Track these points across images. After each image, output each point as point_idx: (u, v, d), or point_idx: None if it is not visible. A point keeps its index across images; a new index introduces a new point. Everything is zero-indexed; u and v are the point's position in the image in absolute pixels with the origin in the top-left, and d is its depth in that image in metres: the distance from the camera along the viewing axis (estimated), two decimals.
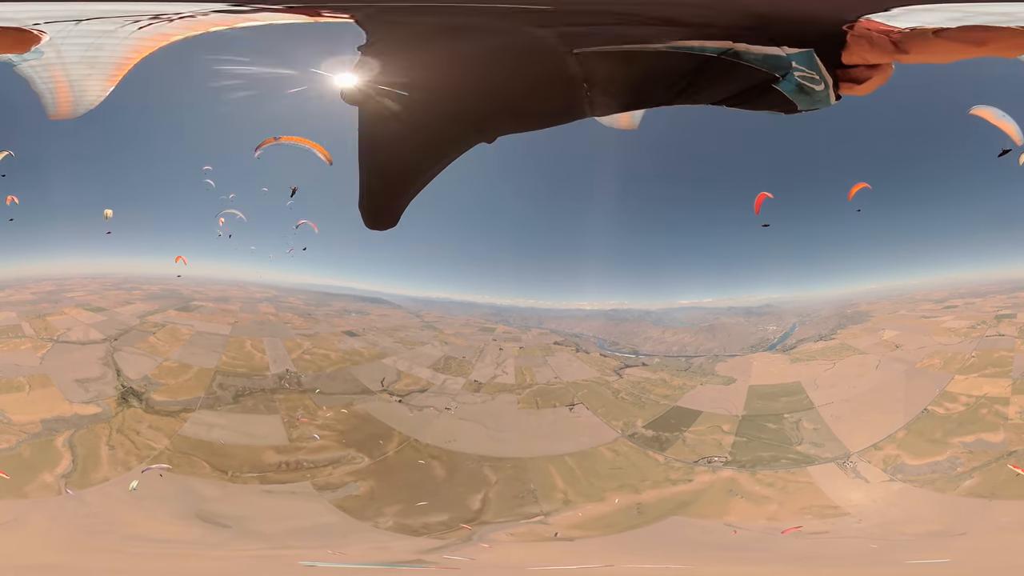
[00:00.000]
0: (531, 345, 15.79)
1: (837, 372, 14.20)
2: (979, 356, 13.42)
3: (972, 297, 15.07)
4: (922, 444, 12.01)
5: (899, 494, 11.28)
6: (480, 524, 11.35)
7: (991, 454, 11.42)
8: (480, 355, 15.81)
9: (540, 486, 12.08)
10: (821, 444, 12.51)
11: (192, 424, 12.77)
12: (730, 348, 14.95)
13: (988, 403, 12.32)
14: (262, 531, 10.89)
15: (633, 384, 14.49)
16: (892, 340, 14.89)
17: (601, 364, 15.07)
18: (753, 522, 11.29)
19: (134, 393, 13.01)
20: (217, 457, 12.25)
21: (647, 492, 11.95)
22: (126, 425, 12.39)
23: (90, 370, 13.08)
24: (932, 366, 13.72)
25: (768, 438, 12.95)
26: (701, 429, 13.22)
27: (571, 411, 13.99)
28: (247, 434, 13.11)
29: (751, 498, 11.80)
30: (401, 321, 17.22)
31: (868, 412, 13.03)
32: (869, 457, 11.98)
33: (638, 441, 13.21)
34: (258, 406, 14.18)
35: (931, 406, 12.66)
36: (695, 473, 12.39)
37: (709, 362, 14.77)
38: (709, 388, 14.14)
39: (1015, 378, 12.49)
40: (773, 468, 12.16)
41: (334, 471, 12.87)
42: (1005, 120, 10.46)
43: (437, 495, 12.09)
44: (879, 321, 15.30)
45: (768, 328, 15.34)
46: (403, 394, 14.84)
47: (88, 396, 12.56)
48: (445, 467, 12.79)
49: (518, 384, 14.82)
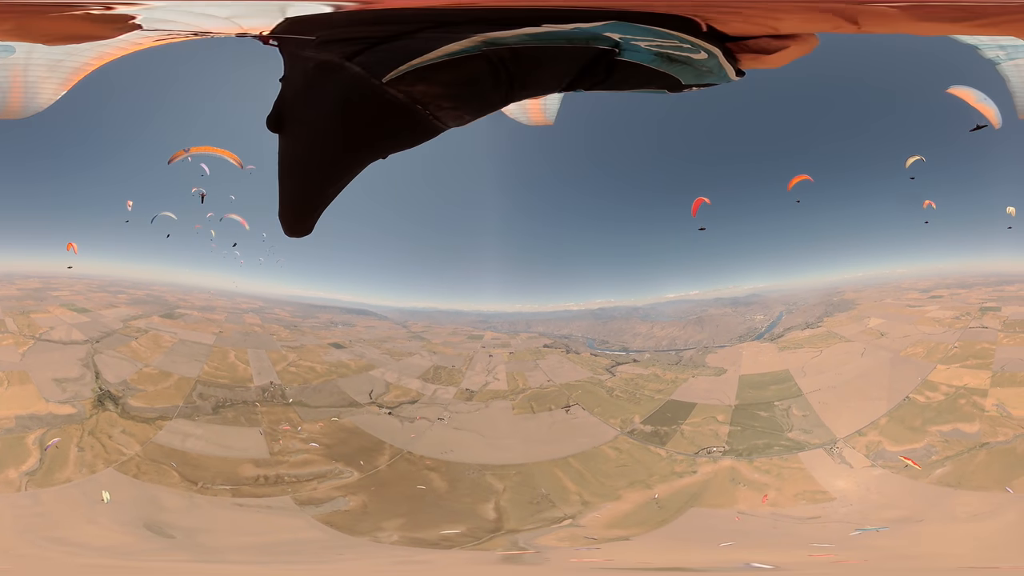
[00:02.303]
0: (521, 349, 15.69)
1: (824, 359, 14.38)
2: (962, 347, 13.67)
3: (958, 288, 15.42)
4: (902, 431, 12.14)
5: (878, 480, 11.40)
6: (510, 532, 11.10)
7: (965, 444, 11.59)
8: (470, 363, 15.62)
9: (552, 490, 11.86)
10: (810, 431, 12.60)
11: (167, 432, 12.32)
12: (719, 339, 15.05)
13: (967, 394, 12.54)
14: (214, 544, 10.25)
15: (626, 381, 14.45)
16: (877, 328, 15.13)
17: (593, 364, 15.05)
18: (759, 508, 11.30)
19: (111, 397, 12.64)
20: (189, 468, 11.78)
21: (658, 487, 11.85)
22: (99, 428, 11.93)
23: (69, 370, 12.79)
24: (916, 355, 13.97)
25: (761, 426, 12.96)
26: (697, 421, 13.17)
27: (567, 413, 13.80)
28: (224, 446, 12.56)
29: (753, 485, 11.72)
30: (388, 332, 17.16)
31: (853, 399, 13.17)
32: (854, 443, 12.09)
33: (638, 437, 13.09)
34: (239, 418, 13.74)
35: (913, 394, 12.87)
36: (698, 464, 12.31)
37: (699, 354, 14.84)
38: (701, 380, 14.17)
39: (995, 371, 12.76)
40: (767, 455, 12.17)
41: (319, 486, 12.40)
42: (985, 103, 10.78)
43: (442, 507, 11.70)
44: (865, 309, 15.57)
45: (756, 318, 15.54)
46: (393, 406, 14.46)
47: (65, 396, 12.23)
48: (445, 478, 12.41)
49: (511, 390, 14.63)
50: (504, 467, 12.46)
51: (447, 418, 14.20)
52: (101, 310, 14.80)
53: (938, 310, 15.09)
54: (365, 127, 2.88)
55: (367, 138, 2.94)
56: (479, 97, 2.94)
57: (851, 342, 14.79)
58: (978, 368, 13.03)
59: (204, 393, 13.86)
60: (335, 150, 2.96)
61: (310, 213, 3.15)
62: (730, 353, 14.93)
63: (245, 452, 12.84)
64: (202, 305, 15.88)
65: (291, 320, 17.16)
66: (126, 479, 11.27)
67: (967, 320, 14.43)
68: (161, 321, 15.05)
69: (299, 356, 16.07)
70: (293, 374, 15.42)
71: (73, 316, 14.51)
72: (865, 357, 14.33)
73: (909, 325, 14.89)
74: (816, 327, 15.36)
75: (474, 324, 16.28)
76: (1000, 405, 12.15)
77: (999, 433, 11.61)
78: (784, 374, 14.11)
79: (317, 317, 17.46)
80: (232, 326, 15.99)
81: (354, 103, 2.80)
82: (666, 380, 14.38)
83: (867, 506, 10.90)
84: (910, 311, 15.37)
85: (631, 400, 14.07)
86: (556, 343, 15.78)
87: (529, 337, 16.06)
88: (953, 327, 14.30)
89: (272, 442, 13.30)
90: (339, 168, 3.02)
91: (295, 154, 3.01)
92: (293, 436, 13.55)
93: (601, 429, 13.39)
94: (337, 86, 2.79)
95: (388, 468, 12.95)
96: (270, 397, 14.64)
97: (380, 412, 14.59)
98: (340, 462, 12.93)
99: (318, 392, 15.05)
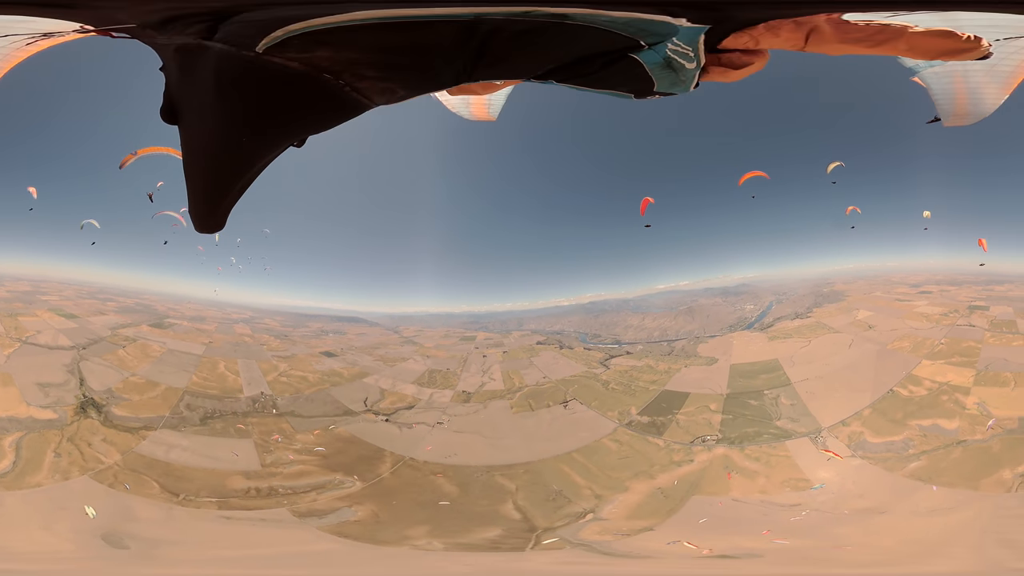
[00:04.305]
0: (514, 348, 15.67)
1: (812, 350, 14.54)
2: (948, 344, 13.84)
3: (948, 285, 15.53)
4: (884, 423, 12.22)
5: (856, 470, 11.48)
6: (547, 530, 10.75)
7: (942, 440, 11.68)
8: (464, 365, 15.41)
9: (564, 486, 11.75)
10: (797, 419, 12.68)
11: (150, 442, 11.86)
12: (710, 329, 15.15)
13: (949, 390, 12.66)
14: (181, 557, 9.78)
15: (621, 373, 14.48)
16: (866, 320, 15.30)
17: (587, 358, 15.07)
18: (751, 496, 11.42)
19: (94, 404, 12.28)
20: (172, 479, 11.24)
21: (660, 477, 11.84)
22: (78, 435, 11.52)
23: (54, 375, 12.50)
24: (902, 349, 14.10)
25: (751, 414, 13.03)
26: (691, 410, 13.19)
27: (566, 408, 13.76)
28: (211, 457, 12.11)
29: (744, 473, 11.74)
30: (379, 338, 17.09)
31: (839, 389, 13.29)
32: (837, 433, 12.16)
33: (636, 428, 13.08)
34: (228, 429, 13.50)
35: (897, 387, 12.97)
36: (694, 453, 12.29)
37: (691, 344, 14.94)
38: (694, 370, 14.26)
39: (979, 370, 12.92)
40: (757, 443, 12.21)
41: (319, 497, 11.89)
42: None
43: (461, 511, 11.39)
44: (854, 301, 15.78)
45: (746, 307, 15.73)
46: (389, 412, 14.24)
47: (47, 401, 11.88)
48: (453, 482, 12.18)
49: (508, 389, 14.59)
50: (511, 467, 12.28)
51: (446, 422, 14.14)
52: (89, 317, 14.50)
53: (927, 306, 15.25)
54: (258, 105, 2.53)
55: (265, 117, 2.58)
56: (422, 70, 2.56)
57: (839, 333, 14.97)
58: (962, 366, 13.19)
59: (192, 404, 13.53)
60: (234, 136, 2.62)
61: (220, 206, 2.84)
62: (721, 342, 15.02)
63: (234, 464, 12.57)
64: (192, 315, 15.77)
65: (281, 330, 17.05)
66: (101, 488, 10.76)
67: (955, 317, 14.58)
68: (150, 330, 14.77)
69: (290, 366, 15.88)
70: (284, 384, 15.22)
71: (61, 321, 14.24)
72: (852, 348, 14.49)
73: (897, 319, 15.05)
74: (805, 317, 15.52)
75: (466, 325, 16.30)
76: (981, 404, 12.26)
77: (977, 431, 11.70)
78: (773, 363, 14.23)
79: (307, 326, 17.37)
80: (222, 336, 15.84)
81: (234, 81, 2.46)
82: (660, 371, 14.44)
83: (843, 495, 10.96)
84: (899, 305, 15.53)
85: (627, 392, 14.09)
86: (549, 339, 15.77)
87: (522, 335, 16.03)
88: (941, 323, 14.47)
89: (264, 453, 13.09)
90: (245, 155, 2.69)
91: (194, 145, 2.72)
92: (287, 447, 13.37)
93: (600, 422, 13.34)
94: (207, 68, 2.47)
95: (392, 475, 12.76)
96: (261, 408, 14.48)
97: (377, 420, 14.46)
98: (339, 472, 12.52)
99: (311, 402, 14.82)
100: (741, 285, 16.13)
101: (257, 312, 16.78)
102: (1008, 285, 15.02)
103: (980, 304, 14.89)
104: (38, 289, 14.83)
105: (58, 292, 14.96)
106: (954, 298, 15.23)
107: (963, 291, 15.39)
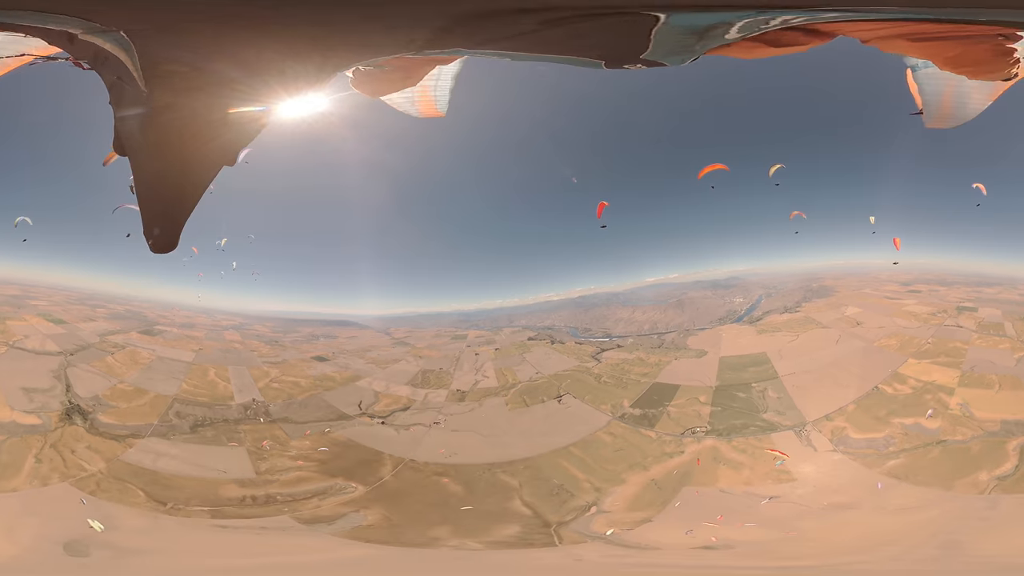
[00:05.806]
0: (506, 345, 15.68)
1: (800, 344, 14.77)
2: (934, 343, 14.08)
3: (937, 285, 15.50)
4: (867, 420, 12.48)
5: (836, 465, 11.82)
6: (561, 524, 11.04)
7: (923, 439, 11.97)
8: (457, 364, 15.39)
9: (564, 480, 11.98)
10: (783, 412, 12.94)
11: (137, 451, 11.87)
12: (699, 322, 15.26)
13: (934, 390, 12.95)
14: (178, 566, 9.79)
15: (612, 367, 14.59)
16: (854, 317, 15.47)
17: (578, 352, 15.16)
18: (738, 487, 11.67)
19: (80, 411, 12.23)
20: (159, 488, 11.26)
21: (654, 468, 12.15)
22: (62, 442, 11.47)
23: (39, 381, 12.43)
24: (889, 346, 14.36)
25: (739, 407, 13.31)
26: (681, 402, 13.42)
27: (560, 403, 13.96)
28: (202, 466, 12.16)
29: (731, 464, 12.02)
30: (371, 341, 17.05)
31: (825, 384, 13.57)
32: (820, 427, 12.45)
33: (629, 421, 13.32)
34: (219, 437, 13.10)
35: (882, 384, 13.26)
36: (684, 445, 12.60)
37: (681, 337, 15.07)
38: (683, 362, 14.45)
39: (964, 370, 13.21)
40: (744, 435, 12.49)
41: (321, 503, 12.03)
42: None
43: (473, 510, 11.65)
44: (843, 297, 15.83)
45: (735, 300, 15.76)
46: (385, 415, 14.37)
47: (31, 406, 11.84)
48: (458, 482, 12.37)
49: (501, 386, 14.69)
50: (511, 463, 12.48)
51: (443, 422, 14.12)
52: (78, 323, 14.34)
53: (915, 304, 15.34)
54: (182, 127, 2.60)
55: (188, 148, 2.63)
56: None
57: (827, 328, 15.20)
58: (948, 366, 13.45)
59: (181, 412, 13.36)
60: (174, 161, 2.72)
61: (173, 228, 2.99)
62: (710, 335, 15.18)
63: (227, 472, 12.52)
64: (182, 322, 15.70)
65: (271, 335, 17.01)
66: (81, 496, 10.78)
67: (943, 317, 14.75)
68: (139, 337, 14.67)
69: (282, 372, 15.78)
70: (276, 390, 15.15)
71: (49, 327, 14.10)
72: (840, 344, 14.75)
73: (885, 317, 15.21)
74: (794, 312, 15.68)
75: (456, 324, 16.28)
76: (964, 405, 12.55)
77: (958, 432, 11.99)
78: (762, 356, 14.49)
79: (298, 331, 17.29)
80: (212, 343, 15.76)
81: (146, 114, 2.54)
82: (650, 363, 14.58)
83: (819, 489, 11.30)
84: (888, 303, 15.60)
85: (619, 385, 14.24)
86: (540, 335, 15.81)
87: (513, 331, 16.01)
88: (928, 323, 14.64)
89: (258, 461, 13.04)
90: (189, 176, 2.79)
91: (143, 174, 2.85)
92: (281, 454, 13.34)
93: (594, 416, 13.53)
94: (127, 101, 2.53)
95: (394, 478, 12.64)
96: (253, 415, 14.44)
97: (373, 423, 14.47)
98: (339, 477, 12.60)
99: (304, 407, 14.78)
100: (731, 278, 16.29)
101: (247, 318, 16.70)
102: (998, 287, 15.13)
103: (969, 305, 15.02)
104: (27, 293, 14.65)
105: (48, 297, 14.81)
106: (943, 298, 15.32)
107: (953, 291, 15.45)
